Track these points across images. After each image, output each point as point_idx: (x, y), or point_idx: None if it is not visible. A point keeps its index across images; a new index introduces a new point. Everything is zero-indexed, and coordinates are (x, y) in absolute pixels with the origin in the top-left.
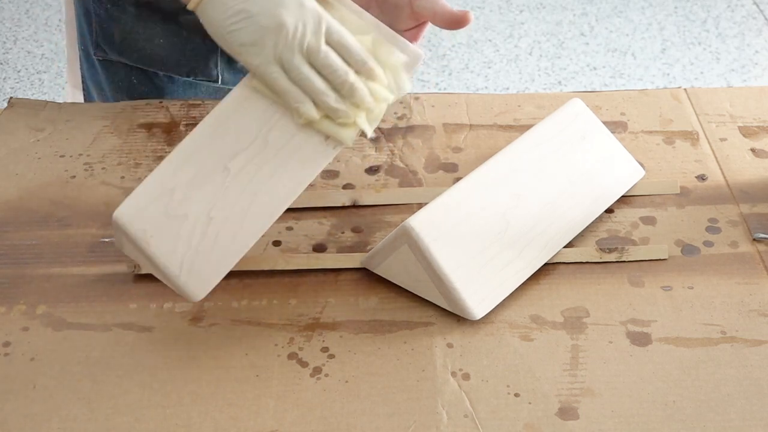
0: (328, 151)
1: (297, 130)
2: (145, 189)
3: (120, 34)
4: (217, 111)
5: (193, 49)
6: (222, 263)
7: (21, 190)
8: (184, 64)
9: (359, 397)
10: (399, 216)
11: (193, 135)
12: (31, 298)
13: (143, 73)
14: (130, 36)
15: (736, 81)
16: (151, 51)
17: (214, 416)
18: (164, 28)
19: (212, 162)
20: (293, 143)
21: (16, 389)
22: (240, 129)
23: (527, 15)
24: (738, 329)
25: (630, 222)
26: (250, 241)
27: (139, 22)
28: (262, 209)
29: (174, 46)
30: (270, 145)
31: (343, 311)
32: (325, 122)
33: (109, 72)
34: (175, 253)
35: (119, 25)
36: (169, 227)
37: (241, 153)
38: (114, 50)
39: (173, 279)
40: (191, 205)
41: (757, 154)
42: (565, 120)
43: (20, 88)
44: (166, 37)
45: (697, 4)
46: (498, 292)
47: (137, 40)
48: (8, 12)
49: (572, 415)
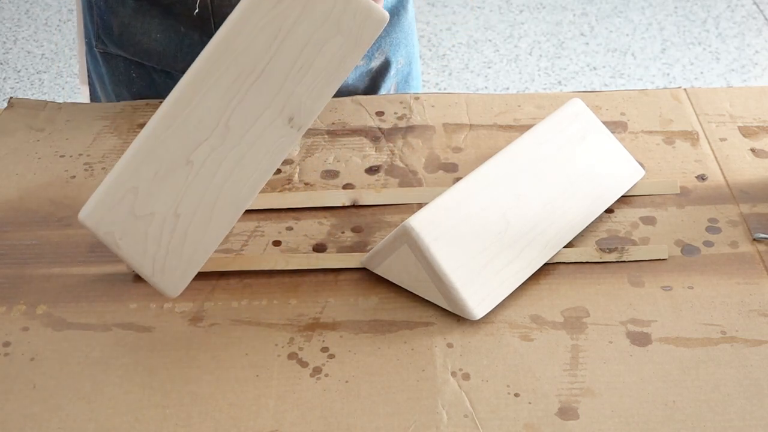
0: (292, 133)
1: (258, 113)
2: (107, 189)
3: (119, 27)
4: (173, 99)
5: (190, 45)
6: (195, 258)
7: (21, 190)
8: (180, 59)
9: (359, 397)
10: (399, 216)
11: (151, 127)
12: (31, 298)
13: (142, 68)
14: (128, 29)
15: (736, 81)
16: (148, 45)
17: (214, 416)
18: (161, 23)
19: (174, 156)
20: (256, 128)
21: (16, 389)
22: (199, 117)
23: (527, 15)
24: (738, 329)
25: (630, 222)
26: (221, 234)
27: (138, 15)
28: (230, 201)
29: (170, 41)
30: (231, 131)
31: (343, 311)
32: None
33: (110, 65)
34: (146, 253)
35: (118, 18)
36: (137, 227)
37: (202, 143)
38: (113, 43)
39: (148, 278)
40: (156, 202)
41: (757, 154)
42: (565, 120)
43: (20, 88)
44: (163, 31)
45: (697, 4)
46: (498, 292)
47: (135, 33)
48: (8, 12)
49: (572, 415)
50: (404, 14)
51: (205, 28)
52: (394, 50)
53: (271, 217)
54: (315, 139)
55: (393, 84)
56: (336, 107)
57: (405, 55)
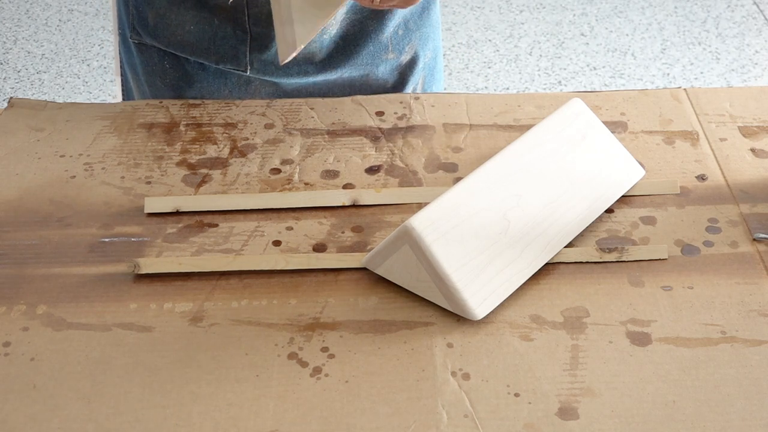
0: None
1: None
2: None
3: (153, 18)
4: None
5: (224, 38)
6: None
7: (21, 190)
8: (214, 51)
9: (359, 397)
10: (399, 216)
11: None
12: (31, 298)
13: (175, 59)
14: (162, 20)
15: (736, 81)
16: (182, 37)
17: (214, 416)
18: (195, 15)
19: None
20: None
21: (16, 389)
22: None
23: (527, 15)
24: (738, 329)
25: (630, 222)
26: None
27: (172, 7)
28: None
29: (204, 33)
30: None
31: (343, 311)
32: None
33: (144, 56)
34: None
35: (153, 9)
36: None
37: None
38: (148, 34)
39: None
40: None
41: (757, 154)
42: (565, 120)
43: (20, 88)
44: (197, 23)
45: (697, 4)
46: (499, 293)
47: (169, 24)
48: (8, 12)
49: (572, 415)
50: (434, 7)
51: (239, 20)
52: (423, 44)
53: (271, 217)
54: (315, 139)
55: (420, 77)
56: (336, 107)
57: (432, 49)
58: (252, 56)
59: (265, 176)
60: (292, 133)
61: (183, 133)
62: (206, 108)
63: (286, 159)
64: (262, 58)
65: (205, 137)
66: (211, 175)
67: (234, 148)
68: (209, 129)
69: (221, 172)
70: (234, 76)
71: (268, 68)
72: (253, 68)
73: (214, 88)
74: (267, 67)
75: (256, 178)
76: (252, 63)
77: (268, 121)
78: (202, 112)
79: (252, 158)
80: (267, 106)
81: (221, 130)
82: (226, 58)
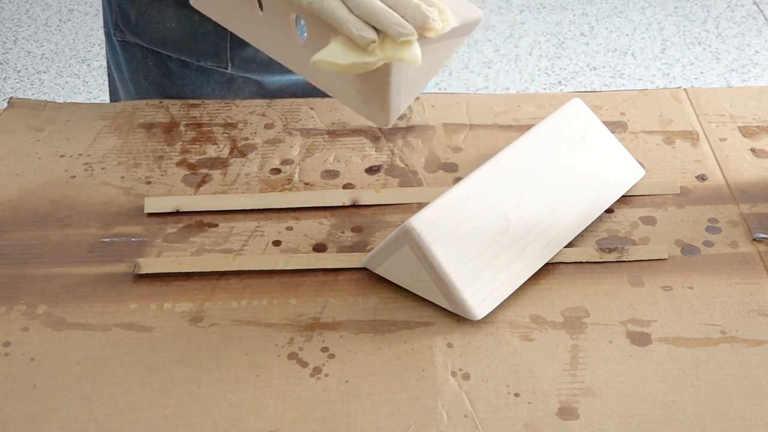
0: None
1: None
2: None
3: (135, 15)
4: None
5: (204, 34)
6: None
7: (21, 190)
8: (194, 48)
9: (359, 397)
10: (399, 216)
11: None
12: (31, 298)
13: (158, 56)
14: (144, 17)
15: (736, 81)
16: (163, 34)
17: (214, 416)
18: (176, 12)
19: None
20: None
21: (16, 389)
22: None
23: (527, 15)
24: (738, 329)
25: (630, 222)
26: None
27: (154, 4)
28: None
29: (185, 29)
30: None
31: (343, 311)
32: (387, 45)
33: (128, 54)
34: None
35: (135, 6)
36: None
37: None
38: (130, 31)
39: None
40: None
41: (757, 154)
42: (565, 120)
43: (20, 88)
44: (178, 20)
45: (697, 4)
46: (499, 293)
47: (150, 21)
48: (8, 12)
49: (572, 415)
50: None
51: None
52: None
53: (271, 217)
54: (315, 139)
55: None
56: (336, 107)
57: None
58: (233, 53)
59: (265, 176)
60: (292, 133)
61: (183, 133)
62: (206, 108)
63: (286, 159)
64: (242, 55)
65: (205, 137)
66: (211, 175)
67: (234, 148)
68: (209, 129)
69: (221, 172)
70: (216, 73)
71: (250, 65)
72: (234, 65)
73: (197, 86)
74: (248, 65)
75: (256, 178)
76: (233, 60)
77: (268, 121)
78: (202, 112)
79: (252, 158)
80: (267, 106)
81: (221, 130)
82: (207, 55)
